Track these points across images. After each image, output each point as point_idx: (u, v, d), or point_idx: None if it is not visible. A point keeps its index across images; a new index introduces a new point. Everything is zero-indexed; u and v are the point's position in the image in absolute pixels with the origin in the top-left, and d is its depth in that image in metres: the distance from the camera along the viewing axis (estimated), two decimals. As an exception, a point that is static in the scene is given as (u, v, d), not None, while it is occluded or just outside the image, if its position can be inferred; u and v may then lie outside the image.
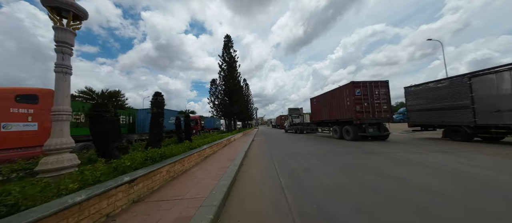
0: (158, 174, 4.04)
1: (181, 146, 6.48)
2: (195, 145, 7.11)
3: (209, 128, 36.44)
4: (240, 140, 15.16)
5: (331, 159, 6.93)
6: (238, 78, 21.89)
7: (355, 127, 12.39)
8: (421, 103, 12.93)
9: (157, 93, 6.47)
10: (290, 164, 6.38)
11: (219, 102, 21.16)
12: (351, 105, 12.36)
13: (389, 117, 12.49)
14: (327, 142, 12.51)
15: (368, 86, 12.33)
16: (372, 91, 12.29)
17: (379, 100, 12.31)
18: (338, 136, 14.13)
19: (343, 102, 13.35)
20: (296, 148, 10.19)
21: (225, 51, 21.09)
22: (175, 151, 5.54)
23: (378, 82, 12.54)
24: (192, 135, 25.93)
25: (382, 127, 12.34)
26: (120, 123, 6.44)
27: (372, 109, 12.18)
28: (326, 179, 4.62)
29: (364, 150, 8.64)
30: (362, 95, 12.18)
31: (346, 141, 12.40)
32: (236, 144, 12.02)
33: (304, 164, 6.29)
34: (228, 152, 8.82)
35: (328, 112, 15.70)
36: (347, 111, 12.93)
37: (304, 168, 5.84)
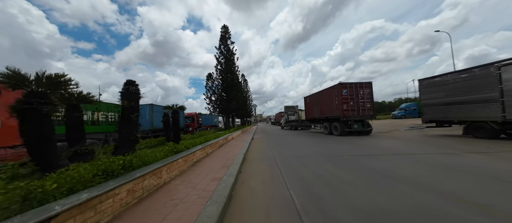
0: (110, 199, 2.60)
1: (161, 149, 5.04)
2: (182, 148, 5.67)
3: (207, 126, 34.95)
4: (239, 139, 13.74)
5: (352, 165, 5.54)
6: (236, 72, 20.32)
7: (342, 123, 13.38)
8: (438, 97, 11.58)
9: (129, 81, 4.98)
10: (301, 171, 4.98)
11: (216, 98, 19.65)
12: (339, 104, 13.35)
13: (371, 115, 13.49)
14: (334, 141, 11.14)
15: (354, 87, 13.41)
16: (357, 91, 13.35)
17: (363, 100, 13.36)
18: (328, 132, 15.06)
19: (332, 101, 14.29)
20: (302, 148, 8.80)
21: (222, 43, 19.48)
22: (150, 158, 4.11)
23: (362, 83, 13.62)
24: (188, 133, 24.47)
25: (366, 123, 13.27)
26: (83, 119, 4.96)
27: (357, 107, 13.21)
28: (360, 198, 3.22)
29: (385, 151, 7.25)
30: (348, 95, 13.25)
31: (357, 140, 11.16)
32: (234, 144, 10.60)
33: (319, 171, 4.89)
34: (224, 154, 7.40)
35: (319, 110, 16.63)
36: (335, 109, 13.87)
37: (320, 177, 4.44)
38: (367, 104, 13.36)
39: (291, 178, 4.48)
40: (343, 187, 3.78)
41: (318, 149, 8.39)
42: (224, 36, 19.48)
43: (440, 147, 7.68)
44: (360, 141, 10.76)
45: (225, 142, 11.01)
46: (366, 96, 13.43)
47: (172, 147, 5.17)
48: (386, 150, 7.52)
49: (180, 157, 4.85)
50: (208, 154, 7.25)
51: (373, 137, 12.53)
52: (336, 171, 4.85)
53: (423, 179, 3.99)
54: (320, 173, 4.79)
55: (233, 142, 11.74)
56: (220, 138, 9.97)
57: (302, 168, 5.39)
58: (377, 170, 4.83)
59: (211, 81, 19.51)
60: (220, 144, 9.69)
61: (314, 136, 14.59)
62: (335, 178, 4.30)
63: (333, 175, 4.57)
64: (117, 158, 3.38)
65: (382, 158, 6.19)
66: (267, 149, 9.17)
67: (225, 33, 19.58)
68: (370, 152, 7.25)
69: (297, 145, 10.22)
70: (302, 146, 9.73)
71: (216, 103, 19.66)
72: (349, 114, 13.05)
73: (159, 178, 3.80)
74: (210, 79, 19.46)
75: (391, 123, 27.97)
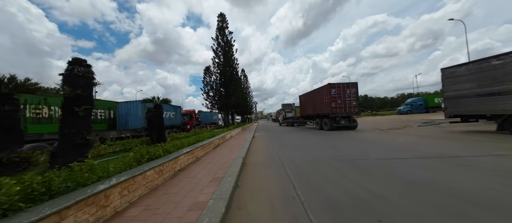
0: None
1: (126, 156, 3.55)
2: (159, 152, 4.17)
3: (206, 123, 33.50)
4: (238, 138, 12.25)
5: (389, 176, 4.02)
6: (235, 65, 18.72)
7: (331, 119, 14.46)
8: (466, 88, 9.99)
9: (76, 60, 3.42)
10: (322, 187, 3.47)
11: (214, 93, 18.11)
12: (328, 102, 14.44)
13: (357, 111, 14.73)
14: (343, 139, 9.61)
15: (341, 86, 14.51)
16: (344, 91, 14.40)
17: (350, 98, 14.42)
18: (319, 127, 16.38)
19: (322, 100, 15.42)
20: (311, 148, 7.29)
21: (219, 34, 17.82)
22: (96, 172, 2.61)
23: (349, 83, 14.72)
24: (186, 131, 23.00)
25: (352, 119, 14.44)
26: (20, 115, 3.46)
27: (344, 105, 14.28)
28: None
29: (413, 152, 5.71)
30: (336, 94, 14.33)
31: (369, 137, 9.70)
32: (232, 144, 9.11)
33: (348, 187, 3.37)
34: (219, 158, 5.90)
35: (312, 107, 17.72)
36: (325, 107, 14.95)
37: (354, 198, 2.92)
38: (353, 102, 14.45)
39: (310, 200, 2.97)
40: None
41: (330, 150, 6.88)
42: (221, 26, 17.81)
43: (484, 147, 6.15)
44: (373, 137, 9.22)
45: (222, 141, 9.52)
46: (352, 95, 14.50)
47: (141, 153, 3.66)
48: (413, 151, 5.98)
49: (151, 168, 3.36)
50: (198, 159, 5.75)
51: (386, 133, 11.06)
52: (373, 188, 3.33)
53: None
54: (351, 190, 3.27)
55: (232, 141, 10.25)
56: (216, 137, 8.48)
57: (322, 180, 3.88)
58: (431, 184, 3.32)
59: (208, 75, 17.93)
60: (216, 144, 8.19)
61: (319, 134, 13.09)
62: (381, 202, 2.79)
63: (373, 194, 3.05)
64: (18, 178, 1.88)
65: (418, 163, 4.68)
66: (271, 150, 7.67)
67: (222, 22, 17.87)
68: (395, 153, 5.73)
69: (305, 145, 8.71)
70: (310, 145, 8.22)
71: (214, 99, 18.12)
72: (337, 111, 14.15)
73: (101, 209, 2.30)
74: (208, 73, 17.88)
75: (398, 119, 26.41)
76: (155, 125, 6.55)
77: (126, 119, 15.95)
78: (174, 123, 20.26)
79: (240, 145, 8.51)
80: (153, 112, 6.67)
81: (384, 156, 5.56)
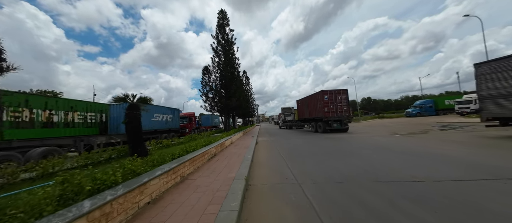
0: None
1: (35, 193, 2.00)
2: (116, 178, 2.61)
3: (206, 126, 31.99)
4: (239, 144, 10.66)
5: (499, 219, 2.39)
6: (236, 65, 17.24)
7: (324, 122, 15.28)
8: (510, 86, 8.34)
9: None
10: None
11: (214, 95, 16.58)
12: (322, 107, 15.28)
13: (348, 115, 15.56)
14: (365, 146, 7.96)
15: (333, 93, 15.41)
16: (336, 97, 15.27)
17: (341, 103, 15.25)
18: (314, 130, 17.48)
19: (316, 105, 16.23)
20: (331, 159, 5.61)
21: (219, 32, 16.37)
22: None
23: (340, 90, 15.58)
24: (185, 135, 21.47)
25: (343, 122, 15.17)
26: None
27: (336, 110, 15.12)
28: None
29: (485, 171, 4.05)
30: (329, 99, 15.21)
31: (401, 143, 8.04)
32: (232, 153, 7.52)
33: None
34: (213, 177, 4.31)
35: (308, 112, 18.61)
36: (319, 111, 15.73)
37: None
38: (344, 107, 15.27)
39: None
40: None
41: (356, 162, 5.24)
42: (221, 24, 16.37)
43: None
44: (400, 144, 7.40)
45: (219, 150, 7.93)
46: (343, 100, 15.34)
47: (74, 185, 2.10)
48: (477, 167, 4.32)
49: (85, 214, 1.80)
50: (184, 179, 4.15)
51: (412, 139, 9.33)
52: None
53: None
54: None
55: (231, 149, 8.65)
56: (212, 145, 6.90)
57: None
58: None
59: (207, 76, 16.43)
60: (212, 154, 6.60)
61: (325, 138, 11.45)
62: None
63: None
64: None
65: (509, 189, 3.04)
66: (280, 161, 6.04)
67: (223, 19, 16.43)
68: (454, 172, 4.06)
69: (318, 151, 7.05)
70: (325, 153, 6.56)
71: (214, 101, 16.58)
72: (330, 115, 15.00)
73: None
74: (207, 73, 16.39)
75: (409, 122, 24.60)
76: (131, 132, 4.96)
77: (118, 122, 14.48)
78: (171, 126, 18.76)
79: (241, 154, 6.91)
80: (127, 115, 5.07)
81: (444, 175, 3.92)
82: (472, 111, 26.23)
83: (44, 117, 10.51)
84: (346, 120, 15.28)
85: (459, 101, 27.81)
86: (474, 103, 26.57)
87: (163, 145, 8.96)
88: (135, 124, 4.91)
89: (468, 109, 26.58)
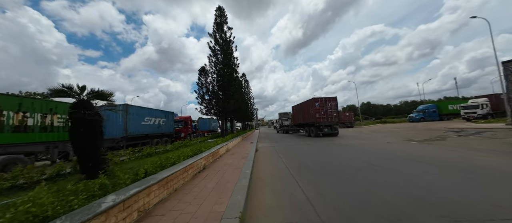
0: None
1: None
2: None
3: (204, 131, 30.38)
4: (236, 152, 9.19)
5: None
6: (235, 66, 15.91)
7: (316, 127, 16.08)
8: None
9: None
10: None
11: (210, 97, 15.16)
12: (313, 113, 16.03)
13: (337, 121, 16.25)
14: (393, 156, 6.50)
15: (324, 100, 16.21)
16: (326, 104, 16.08)
17: (331, 110, 16.08)
18: (307, 134, 18.21)
19: (309, 111, 17.01)
20: (360, 177, 4.10)
21: (217, 30, 15.07)
22: None
23: (330, 98, 16.43)
24: (180, 139, 19.93)
25: (333, 127, 15.95)
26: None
27: (326, 116, 15.87)
28: None
29: None
30: (320, 106, 16.00)
31: (439, 156, 6.59)
32: (226, 165, 6.04)
33: None
34: (190, 210, 2.84)
35: (302, 117, 19.41)
36: (311, 117, 16.44)
37: None
38: (333, 113, 16.16)
39: None
40: None
41: (402, 182, 3.75)
42: (219, 22, 15.12)
43: None
44: (433, 153, 5.78)
45: (211, 160, 6.45)
46: (333, 107, 16.26)
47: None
48: None
49: None
50: (143, 219, 2.68)
51: (434, 144, 7.72)
52: None
53: None
54: None
55: (227, 158, 7.17)
56: (201, 156, 5.43)
57: None
58: None
59: (204, 76, 15.06)
60: (199, 167, 5.13)
61: (338, 145, 10.01)
62: None
63: None
64: None
65: None
66: (289, 181, 4.55)
67: (221, 17, 15.13)
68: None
69: (338, 164, 5.58)
70: (352, 169, 5.09)
71: (211, 103, 15.14)
72: (321, 120, 15.80)
73: None
74: (203, 74, 15.00)
75: (414, 127, 23.20)
76: (79, 142, 3.42)
77: (105, 125, 13.02)
78: (164, 131, 17.19)
79: (238, 166, 5.45)
80: (71, 117, 3.53)
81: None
82: (479, 116, 24.97)
83: (16, 120, 8.98)
84: (335, 125, 16.26)
85: (465, 106, 26.56)
86: (481, 108, 25.33)
87: (144, 154, 7.42)
88: (86, 131, 3.39)
89: (475, 114, 25.30)
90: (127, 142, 12.89)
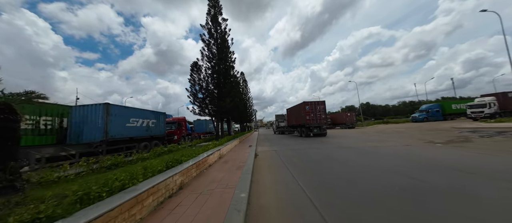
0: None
1: None
2: None
3: (200, 133, 28.59)
4: (231, 159, 7.49)
5: None
6: (231, 61, 14.23)
7: (307, 128, 17.57)
8: None
9: None
10: None
11: (204, 95, 13.46)
12: (304, 115, 17.58)
13: (325, 122, 17.93)
14: (446, 168, 4.89)
15: (314, 103, 17.91)
16: (316, 107, 17.68)
17: (320, 112, 17.58)
18: (299, 134, 19.81)
19: (301, 113, 18.24)
20: (420, 203, 2.54)
21: (210, 21, 13.42)
22: None
23: (319, 101, 18.05)
24: (173, 142, 18.14)
25: (322, 128, 17.40)
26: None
27: (316, 118, 17.45)
28: None
29: None
30: (310, 109, 17.67)
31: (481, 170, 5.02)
32: (214, 181, 4.33)
33: None
34: None
35: (295, 119, 20.62)
36: (303, 119, 17.78)
37: None
38: (322, 115, 17.37)
39: None
40: None
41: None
42: (213, 12, 13.46)
43: None
44: (483, 162, 4.38)
45: (193, 175, 4.74)
46: (321, 110, 17.45)
47: None
48: None
49: None
50: None
51: (463, 148, 5.91)
52: None
53: None
54: None
55: (216, 170, 5.46)
56: (176, 171, 3.74)
57: None
58: None
59: (197, 72, 13.37)
60: (167, 193, 3.42)
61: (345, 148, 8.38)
62: None
63: None
64: None
65: None
66: (313, 216, 2.93)
67: (214, 7, 13.37)
68: None
69: (373, 182, 3.93)
70: (410, 194, 3.41)
71: (204, 103, 13.44)
72: (311, 122, 17.03)
73: None
74: (196, 70, 13.32)
75: (420, 127, 21.70)
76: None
77: (80, 129, 11.20)
78: (154, 133, 15.33)
79: (230, 185, 3.77)
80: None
81: None
82: (486, 115, 23.58)
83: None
84: (324, 126, 17.59)
85: (471, 105, 25.19)
86: (488, 107, 23.95)
87: (104, 165, 5.45)
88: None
89: (482, 113, 23.90)
90: (108, 147, 11.10)
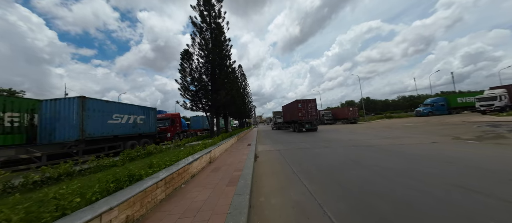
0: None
1: None
2: None
3: (197, 130, 26.91)
4: (225, 165, 5.87)
5: None
6: (227, 49, 12.47)
7: (299, 124, 18.84)
8: None
9: None
10: None
11: (197, 87, 11.76)
12: (297, 112, 18.88)
13: (316, 119, 19.31)
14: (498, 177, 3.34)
15: (306, 101, 19.08)
16: (307, 105, 18.96)
17: (311, 109, 18.89)
18: (292, 130, 21.82)
19: (294, 110, 19.73)
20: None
21: (203, 2, 11.58)
22: None
23: (310, 99, 19.34)
24: (166, 140, 16.46)
25: (313, 124, 18.80)
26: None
27: (307, 114, 18.73)
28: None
29: None
30: (302, 107, 18.85)
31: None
32: (190, 208, 2.73)
33: None
34: None
35: (289, 115, 22.35)
36: (295, 116, 19.23)
37: None
38: (313, 112, 18.77)
39: None
40: None
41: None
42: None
43: None
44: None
45: (157, 200, 3.12)
46: (313, 107, 18.88)
47: None
48: None
49: None
50: None
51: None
52: None
53: None
54: None
55: (197, 188, 3.85)
56: (117, 201, 2.16)
57: None
58: None
59: (188, 62, 11.61)
60: None
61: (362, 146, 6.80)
62: None
63: None
64: None
65: None
66: None
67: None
68: None
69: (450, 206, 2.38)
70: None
71: (197, 96, 11.76)
72: (303, 118, 18.49)
73: None
74: (187, 59, 11.54)
75: (427, 121, 20.21)
76: None
77: (52, 126, 9.41)
78: (143, 131, 13.59)
79: (212, 219, 2.20)
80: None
81: None
82: (497, 108, 22.14)
83: None
84: (315, 122, 18.89)
85: (480, 98, 23.67)
86: (498, 99, 22.47)
87: (38, 179, 3.42)
88: None
89: (492, 106, 22.42)
90: (86, 147, 9.40)
